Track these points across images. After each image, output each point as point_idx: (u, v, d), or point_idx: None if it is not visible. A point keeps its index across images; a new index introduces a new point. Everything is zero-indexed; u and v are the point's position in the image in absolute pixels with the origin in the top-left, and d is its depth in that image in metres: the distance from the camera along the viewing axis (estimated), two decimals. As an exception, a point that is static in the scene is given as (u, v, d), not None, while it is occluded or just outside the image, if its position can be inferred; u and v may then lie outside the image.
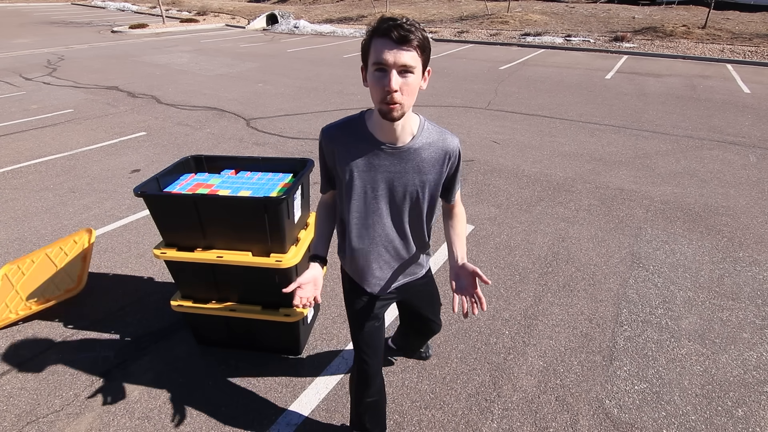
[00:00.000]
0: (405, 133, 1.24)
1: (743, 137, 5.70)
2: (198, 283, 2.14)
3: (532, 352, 2.36)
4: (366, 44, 1.13)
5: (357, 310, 1.55)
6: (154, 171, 4.53)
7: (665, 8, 17.96)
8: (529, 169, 4.71)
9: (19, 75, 9.59)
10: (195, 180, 2.16)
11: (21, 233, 3.52)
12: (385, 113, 1.13)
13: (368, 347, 1.56)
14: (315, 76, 9.53)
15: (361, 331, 1.55)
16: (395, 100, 1.09)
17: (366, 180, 1.30)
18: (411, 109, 1.19)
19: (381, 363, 1.62)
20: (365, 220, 1.37)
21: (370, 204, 1.34)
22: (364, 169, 1.28)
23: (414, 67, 1.09)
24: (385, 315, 1.63)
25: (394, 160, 1.27)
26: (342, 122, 1.32)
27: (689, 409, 2.04)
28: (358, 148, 1.27)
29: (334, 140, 1.31)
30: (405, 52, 1.07)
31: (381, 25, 1.08)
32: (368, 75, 1.14)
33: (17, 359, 2.34)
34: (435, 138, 1.28)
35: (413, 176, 1.29)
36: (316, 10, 23.78)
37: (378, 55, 1.08)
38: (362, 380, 1.61)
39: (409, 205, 1.35)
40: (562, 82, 8.90)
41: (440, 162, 1.30)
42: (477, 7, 19.83)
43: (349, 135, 1.29)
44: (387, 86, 1.08)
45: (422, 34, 1.09)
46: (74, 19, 23.73)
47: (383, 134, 1.24)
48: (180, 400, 2.10)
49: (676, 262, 3.12)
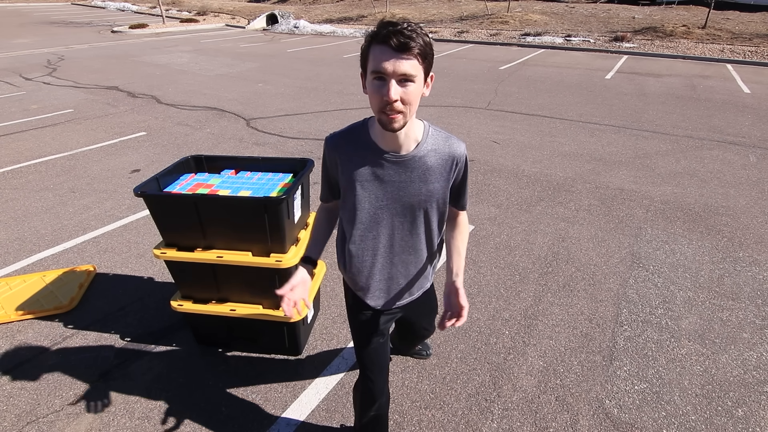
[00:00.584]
0: (409, 141, 1.20)
1: (743, 137, 5.70)
2: (198, 283, 2.14)
3: (532, 352, 2.36)
4: (365, 50, 1.08)
5: (361, 326, 1.49)
6: (154, 171, 4.53)
7: (665, 8, 17.96)
8: (529, 169, 4.71)
9: (19, 75, 9.59)
10: (195, 180, 2.16)
11: (21, 233, 3.52)
12: (384, 124, 1.10)
13: (373, 364, 1.51)
14: (315, 76, 9.53)
15: (366, 348, 1.50)
16: (395, 109, 1.06)
17: (370, 191, 1.24)
18: (414, 116, 1.15)
19: (387, 380, 1.58)
20: (369, 232, 1.31)
21: (374, 216, 1.28)
22: (368, 179, 1.23)
23: (414, 75, 1.05)
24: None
25: (398, 170, 1.22)
26: (345, 130, 1.28)
27: (689, 409, 2.04)
28: (361, 157, 1.23)
29: (337, 149, 1.26)
30: (405, 60, 1.02)
31: (380, 30, 1.03)
32: (367, 83, 1.10)
33: (17, 359, 2.34)
34: (440, 144, 1.24)
35: (419, 185, 1.23)
36: (316, 10, 23.79)
37: (377, 64, 1.03)
38: (367, 397, 1.56)
39: (416, 216, 1.29)
40: (562, 82, 8.90)
41: (447, 169, 1.25)
42: (477, 7, 19.83)
43: (352, 144, 1.24)
44: (386, 96, 1.04)
45: (423, 40, 1.04)
46: (74, 19, 23.73)
47: (386, 143, 1.19)
48: (180, 400, 2.10)
49: (676, 262, 3.12)
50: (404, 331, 1.84)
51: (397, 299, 1.45)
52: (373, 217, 1.28)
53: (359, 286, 1.43)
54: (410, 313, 1.62)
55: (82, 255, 3.24)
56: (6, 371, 2.26)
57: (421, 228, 1.32)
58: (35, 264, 3.14)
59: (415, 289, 1.47)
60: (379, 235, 1.31)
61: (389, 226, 1.30)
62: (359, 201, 1.26)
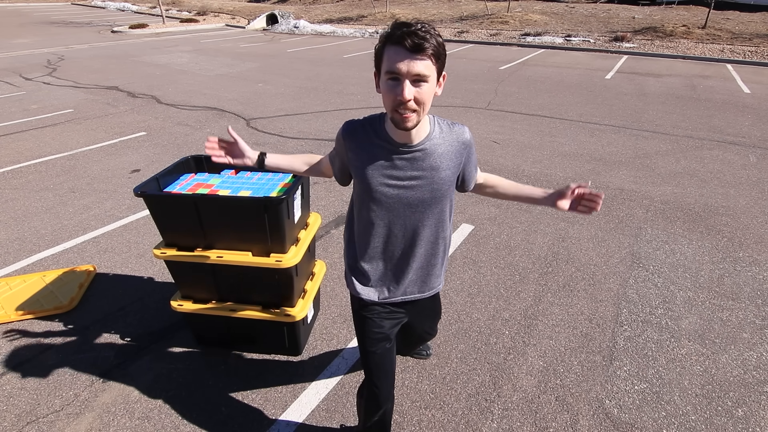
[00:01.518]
0: (420, 133, 1.22)
1: (743, 137, 5.70)
2: (198, 283, 2.14)
3: (532, 352, 2.36)
4: (379, 51, 1.10)
5: (367, 332, 1.47)
6: (154, 171, 4.53)
7: (665, 8, 17.96)
8: (529, 169, 4.71)
9: (19, 75, 9.59)
10: (195, 180, 2.16)
11: (21, 233, 3.52)
12: (398, 122, 1.12)
13: (379, 370, 1.50)
14: (315, 76, 9.53)
15: (372, 355, 1.48)
16: (409, 108, 1.08)
17: (380, 181, 1.26)
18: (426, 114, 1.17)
19: (393, 386, 1.56)
20: (380, 220, 1.32)
21: (386, 205, 1.30)
22: (379, 169, 1.26)
23: (428, 76, 1.07)
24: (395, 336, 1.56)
25: (411, 161, 1.24)
26: (365, 120, 1.30)
27: (689, 409, 2.04)
28: (377, 147, 1.25)
29: (354, 135, 1.28)
30: (419, 61, 1.04)
31: (395, 31, 1.05)
32: (381, 82, 1.12)
33: (17, 359, 2.34)
34: (447, 132, 1.27)
35: (431, 174, 1.26)
36: (316, 10, 23.78)
37: (391, 64, 1.06)
38: (373, 404, 1.55)
39: (427, 206, 1.31)
40: (562, 82, 8.90)
41: (457, 154, 1.28)
42: (477, 7, 19.83)
43: (369, 134, 1.27)
44: (400, 96, 1.06)
45: (437, 41, 1.06)
46: (74, 19, 23.73)
47: (398, 136, 1.22)
48: (180, 400, 2.10)
49: (676, 262, 3.12)
50: (407, 333, 1.83)
51: (405, 292, 1.45)
52: (384, 209, 1.30)
53: (369, 279, 1.42)
54: (415, 318, 1.61)
55: (82, 255, 3.24)
56: (6, 371, 2.26)
57: (432, 218, 1.34)
58: (35, 264, 3.14)
59: (425, 287, 1.47)
60: (392, 226, 1.33)
61: (401, 217, 1.31)
62: (371, 192, 1.28)
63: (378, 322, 1.46)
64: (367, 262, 1.41)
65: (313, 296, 2.30)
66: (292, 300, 2.12)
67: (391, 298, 1.45)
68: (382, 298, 1.44)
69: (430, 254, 1.41)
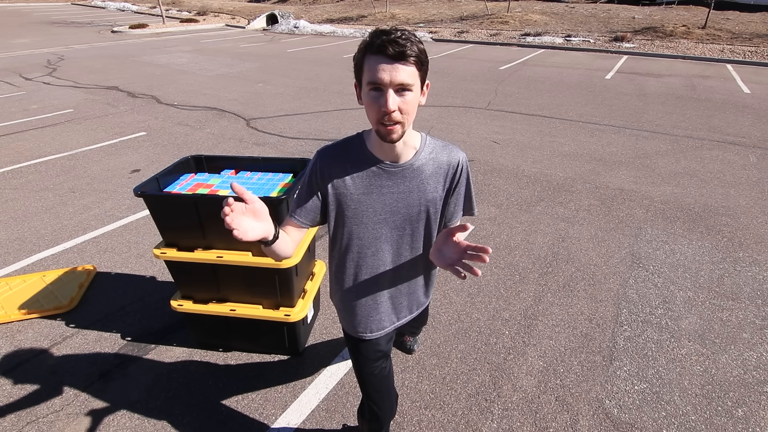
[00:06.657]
0: (407, 149, 1.16)
1: (743, 137, 5.70)
2: (198, 283, 2.14)
3: (532, 352, 2.36)
4: (359, 61, 1.04)
5: (362, 357, 1.41)
6: (154, 171, 4.53)
7: (665, 8, 17.97)
8: (529, 169, 4.71)
9: (19, 75, 9.59)
10: (195, 180, 2.16)
11: (21, 233, 3.52)
12: (383, 135, 1.06)
13: (379, 393, 1.44)
14: (315, 76, 9.53)
15: (370, 378, 1.42)
16: (394, 119, 1.02)
17: (368, 204, 1.19)
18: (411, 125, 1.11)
19: (395, 404, 1.51)
20: (367, 249, 1.25)
21: (373, 231, 1.23)
22: (365, 191, 1.18)
23: (412, 84, 1.01)
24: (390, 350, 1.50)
25: (397, 180, 1.17)
26: (340, 143, 1.22)
27: (689, 409, 2.04)
28: (358, 169, 1.17)
29: (333, 160, 1.18)
30: (402, 69, 0.99)
31: (375, 40, 0.99)
32: (363, 94, 1.05)
33: (17, 359, 2.34)
34: (438, 152, 1.20)
35: (418, 195, 1.19)
36: (316, 10, 23.79)
37: (373, 74, 0.99)
38: (375, 424, 1.52)
39: (415, 228, 1.25)
40: (562, 82, 8.90)
41: (444, 176, 1.21)
42: (477, 7, 19.84)
43: (348, 155, 1.18)
44: (384, 107, 1.00)
45: (419, 48, 1.01)
46: (74, 19, 23.73)
47: (384, 153, 1.15)
48: (180, 400, 2.10)
49: (676, 262, 3.12)
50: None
51: (398, 318, 1.41)
52: (371, 233, 1.23)
53: (355, 312, 1.36)
54: (405, 326, 1.57)
55: (82, 255, 3.24)
56: (6, 371, 2.26)
57: (421, 241, 1.28)
58: (35, 264, 3.14)
59: (414, 307, 1.45)
60: (379, 251, 1.26)
61: (389, 241, 1.25)
62: (357, 216, 1.21)
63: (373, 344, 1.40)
64: (359, 298, 1.34)
65: (313, 296, 2.30)
66: (292, 300, 2.12)
67: (388, 327, 1.40)
68: (380, 329, 1.39)
69: (420, 275, 1.37)
